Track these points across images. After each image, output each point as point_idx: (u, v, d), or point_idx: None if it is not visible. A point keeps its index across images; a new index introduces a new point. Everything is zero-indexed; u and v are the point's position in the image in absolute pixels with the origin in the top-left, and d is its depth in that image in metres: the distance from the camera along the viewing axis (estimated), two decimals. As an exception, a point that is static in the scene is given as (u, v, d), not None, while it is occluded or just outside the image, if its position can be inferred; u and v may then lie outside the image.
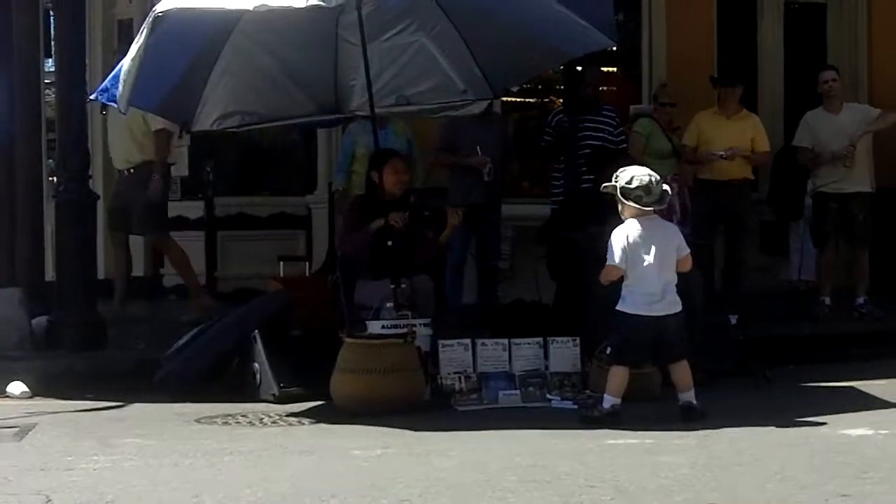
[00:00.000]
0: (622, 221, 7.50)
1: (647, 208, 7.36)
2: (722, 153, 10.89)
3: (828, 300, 11.26)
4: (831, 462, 5.96)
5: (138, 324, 10.51)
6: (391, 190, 9.05)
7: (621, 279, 7.40)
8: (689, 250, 7.52)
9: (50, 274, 10.51)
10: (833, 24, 14.06)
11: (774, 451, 6.31)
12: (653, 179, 7.37)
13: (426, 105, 9.74)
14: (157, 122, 10.42)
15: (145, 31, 7.64)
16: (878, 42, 13.80)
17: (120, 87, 7.92)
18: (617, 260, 7.32)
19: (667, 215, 9.51)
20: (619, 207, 7.44)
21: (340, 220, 10.09)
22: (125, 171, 10.98)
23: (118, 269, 11.27)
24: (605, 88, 12.40)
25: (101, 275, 10.62)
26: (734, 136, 10.97)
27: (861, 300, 11.26)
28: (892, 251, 12.34)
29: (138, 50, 7.64)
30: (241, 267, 12.47)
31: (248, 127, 9.54)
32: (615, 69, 13.44)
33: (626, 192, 7.35)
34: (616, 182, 7.40)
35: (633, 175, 7.39)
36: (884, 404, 7.82)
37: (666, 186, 7.51)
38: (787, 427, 7.02)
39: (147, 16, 7.75)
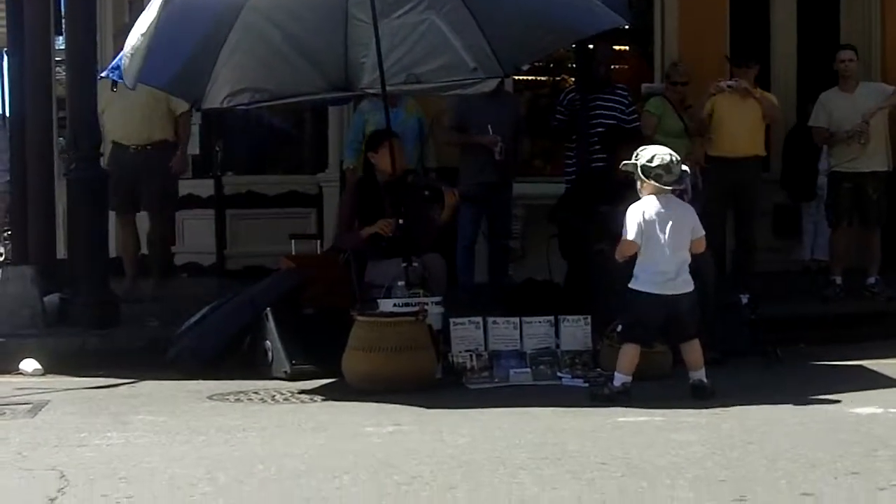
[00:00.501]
0: (635, 200, 7.51)
1: (666, 187, 7.38)
2: (731, 83, 10.88)
3: (839, 280, 11.26)
4: (841, 440, 5.97)
5: (150, 302, 10.53)
6: (388, 171, 9.10)
7: (635, 257, 7.41)
8: (703, 232, 7.53)
9: (62, 252, 10.55)
10: (846, 2, 14.01)
11: (785, 429, 6.32)
12: (673, 159, 7.40)
13: (436, 83, 9.74)
14: (183, 105, 10.51)
15: (157, 6, 7.63)
16: (891, 22, 13.75)
17: (126, 62, 7.89)
18: (632, 235, 7.33)
19: (679, 194, 9.54)
20: (638, 185, 7.45)
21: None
22: (138, 147, 10.98)
23: (127, 247, 11.28)
24: (616, 67, 12.37)
25: (111, 253, 10.63)
26: (747, 115, 10.95)
27: (872, 280, 11.26)
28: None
29: (149, 26, 7.64)
30: (251, 245, 12.49)
31: (259, 104, 9.54)
32: (627, 48, 13.41)
33: (647, 170, 7.36)
34: (636, 160, 7.42)
35: (655, 154, 7.42)
36: (893, 383, 7.83)
37: (685, 167, 7.54)
38: (798, 406, 7.02)
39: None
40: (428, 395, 7.51)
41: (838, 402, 7.10)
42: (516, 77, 11.89)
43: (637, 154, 7.47)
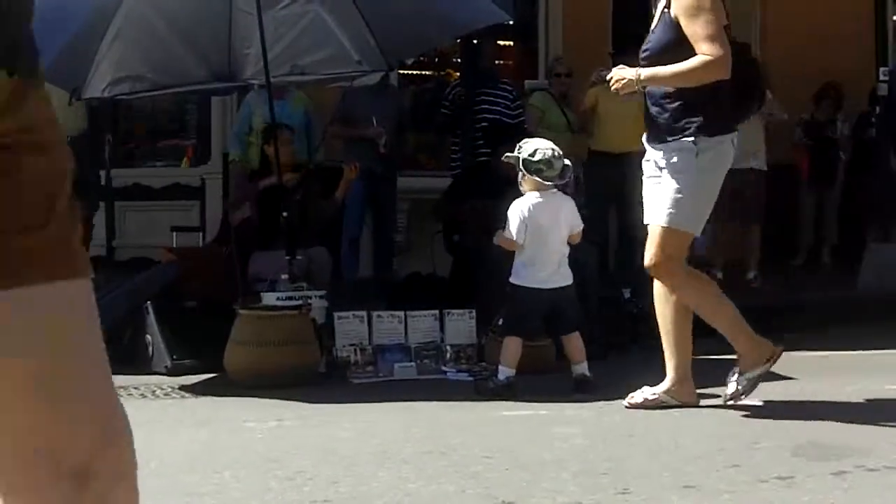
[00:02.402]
0: (518, 195, 7.52)
1: (547, 182, 7.37)
2: (604, 72, 10.98)
3: (719, 274, 11.41)
4: (722, 433, 6.04)
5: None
6: (282, 163, 9.06)
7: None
8: (582, 225, 7.57)
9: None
10: (727, -1, 14.19)
11: (667, 422, 6.37)
12: (555, 153, 7.37)
13: (321, 75, 9.70)
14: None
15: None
16: (770, 14, 13.97)
17: None
18: (514, 234, 7.32)
19: (562, 188, 9.57)
20: (519, 179, 7.43)
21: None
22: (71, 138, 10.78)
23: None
24: (501, 62, 12.41)
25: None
26: (629, 111, 11.01)
27: (752, 274, 11.43)
28: (783, 227, 12.54)
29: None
30: (139, 237, 12.35)
31: (140, 94, 9.42)
32: (512, 43, 13.47)
33: (528, 165, 7.33)
34: (519, 153, 7.39)
35: (537, 148, 7.38)
36: (771, 376, 7.89)
37: (567, 162, 7.53)
38: (680, 399, 7.08)
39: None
40: (311, 389, 7.46)
41: (719, 394, 7.17)
42: (402, 71, 11.89)
43: (520, 147, 7.43)
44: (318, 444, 5.87)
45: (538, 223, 7.34)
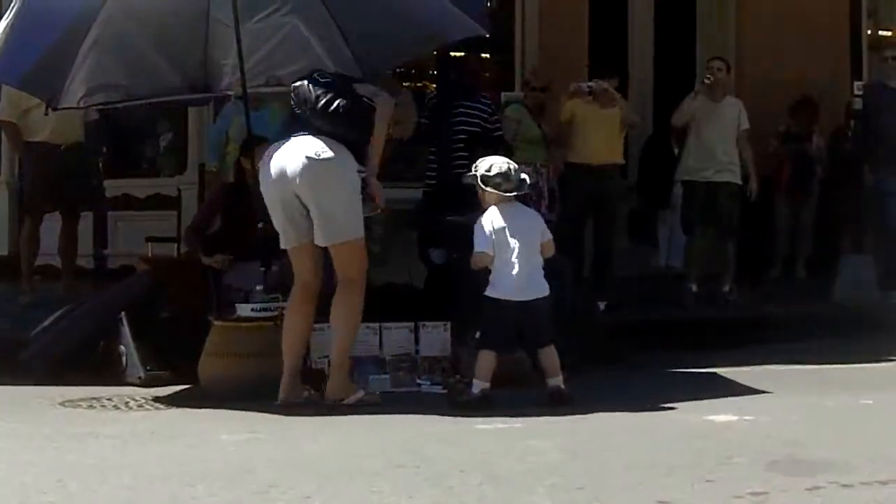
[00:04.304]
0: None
1: (507, 194, 7.50)
2: (591, 83, 11.03)
3: (694, 287, 11.42)
4: (697, 447, 6.03)
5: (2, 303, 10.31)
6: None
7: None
8: (550, 235, 7.66)
9: None
10: (703, 12, 14.25)
11: (641, 436, 6.37)
12: (511, 167, 7.63)
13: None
14: None
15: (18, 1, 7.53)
16: (746, 31, 14.02)
17: None
18: (483, 246, 7.43)
19: (536, 201, 9.60)
20: (480, 195, 7.59)
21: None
22: (62, 147, 10.72)
23: (71, 248, 11.02)
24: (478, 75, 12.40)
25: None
26: (607, 123, 11.07)
27: (727, 288, 11.44)
28: (758, 240, 12.55)
29: (8, 21, 7.52)
30: (126, 246, 12.33)
31: (116, 104, 9.38)
32: (488, 56, 13.47)
33: (486, 180, 7.56)
34: (475, 171, 7.59)
35: (492, 164, 7.64)
36: (747, 390, 7.95)
37: (524, 176, 7.73)
38: (654, 412, 7.09)
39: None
40: (285, 401, 7.43)
41: (694, 409, 7.18)
42: (379, 83, 11.85)
43: (475, 166, 7.69)
44: (291, 456, 5.86)
45: (504, 233, 7.43)
